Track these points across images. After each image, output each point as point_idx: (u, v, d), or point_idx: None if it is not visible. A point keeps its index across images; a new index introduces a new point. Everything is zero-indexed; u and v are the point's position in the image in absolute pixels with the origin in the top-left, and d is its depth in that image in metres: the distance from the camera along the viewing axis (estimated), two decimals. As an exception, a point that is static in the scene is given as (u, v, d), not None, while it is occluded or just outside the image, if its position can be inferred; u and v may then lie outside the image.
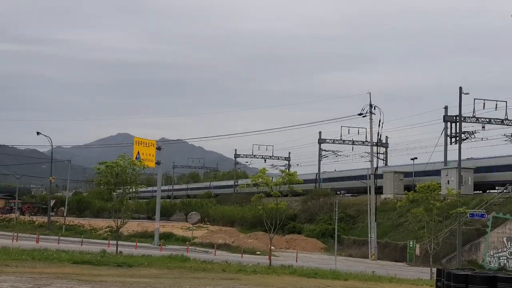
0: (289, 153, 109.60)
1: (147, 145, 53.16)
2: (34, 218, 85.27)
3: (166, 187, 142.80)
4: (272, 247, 43.35)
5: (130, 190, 37.10)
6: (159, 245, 50.65)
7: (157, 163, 55.68)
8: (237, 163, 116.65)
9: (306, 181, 70.51)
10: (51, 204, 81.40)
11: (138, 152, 51.19)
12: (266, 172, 40.58)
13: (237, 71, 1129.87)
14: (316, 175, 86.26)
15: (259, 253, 50.41)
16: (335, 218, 45.98)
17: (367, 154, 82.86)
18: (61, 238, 53.32)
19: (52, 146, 75.42)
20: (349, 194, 78.14)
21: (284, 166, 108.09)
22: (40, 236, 52.38)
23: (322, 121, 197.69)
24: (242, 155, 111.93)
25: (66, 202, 77.74)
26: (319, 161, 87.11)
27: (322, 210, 70.76)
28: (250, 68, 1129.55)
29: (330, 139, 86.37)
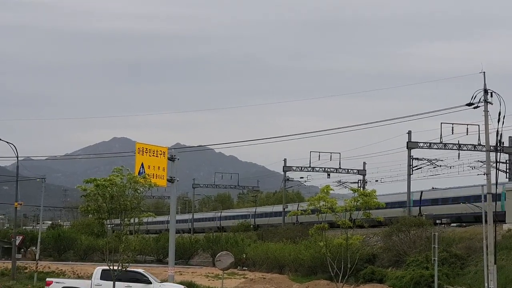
0: (364, 163, 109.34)
1: (155, 154, 53.47)
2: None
3: (183, 216, 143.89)
4: (341, 303, 43.11)
5: (131, 220, 37.39)
6: (175, 301, 50.84)
7: (170, 180, 55.88)
8: (288, 179, 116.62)
9: (389, 205, 69.97)
10: (18, 243, 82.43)
11: (142, 164, 51.49)
12: (331, 191, 40.45)
13: (286, 44, 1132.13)
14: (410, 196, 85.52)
15: (321, 311, 50.26)
16: (434, 260, 45.54)
17: (482, 163, 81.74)
18: (32, 291, 54.01)
19: (18, 157, 76.34)
20: (454, 224, 77.34)
21: (357, 182, 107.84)
22: (3, 289, 53.11)
23: (412, 116, 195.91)
24: (294, 168, 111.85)
25: (39, 240, 78.47)
26: (409, 174, 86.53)
27: (414, 247, 70.18)
28: (304, 39, 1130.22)
29: (425, 142, 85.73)
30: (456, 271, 64.06)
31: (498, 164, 63.65)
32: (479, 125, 75.44)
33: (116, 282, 39.38)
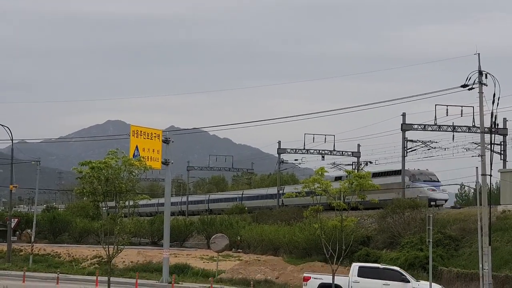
0: (358, 145, 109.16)
1: (149, 137, 53.48)
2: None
3: (178, 199, 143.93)
4: (336, 285, 43.11)
5: (126, 203, 37.34)
6: (170, 283, 50.99)
7: (165, 162, 55.93)
8: (282, 161, 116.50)
9: (384, 185, 69.96)
10: (12, 225, 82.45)
11: (137, 147, 51.54)
12: (326, 174, 40.39)
13: (281, 28, 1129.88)
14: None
15: (316, 293, 50.28)
16: (429, 241, 45.55)
17: (476, 145, 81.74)
18: (27, 274, 54.05)
19: (12, 140, 76.31)
20: (449, 206, 77.59)
21: (352, 165, 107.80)
22: (-2, 272, 53.15)
23: (407, 98, 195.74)
24: (288, 150, 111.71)
25: (35, 222, 78.43)
26: (403, 156, 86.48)
27: (408, 229, 70.29)
28: (300, 22, 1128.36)
29: (419, 124, 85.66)
30: (450, 253, 64.18)
31: (492, 146, 63.52)
32: (473, 107, 75.43)
33: (373, 280, 41.61)
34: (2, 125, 73.23)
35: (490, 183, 54.27)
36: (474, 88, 53.25)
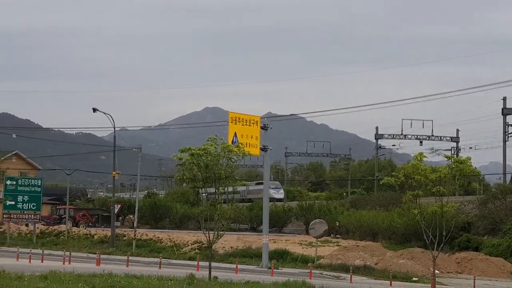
0: (457, 130, 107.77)
1: (247, 123, 53.66)
2: (92, 230, 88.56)
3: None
4: (437, 271, 42.73)
5: (226, 189, 37.62)
6: (269, 268, 51.16)
7: (263, 149, 56.07)
8: (380, 147, 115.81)
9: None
10: (116, 211, 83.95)
11: (235, 133, 51.77)
12: (424, 159, 39.92)
13: (375, 12, 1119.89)
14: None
15: (416, 279, 49.87)
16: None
17: None
18: (130, 258, 55.03)
19: (114, 128, 77.54)
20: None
21: (451, 150, 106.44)
22: (102, 256, 54.26)
23: (507, 81, 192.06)
24: (386, 136, 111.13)
25: (137, 208, 79.69)
26: (504, 141, 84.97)
27: (510, 215, 69.04)
28: (393, 7, 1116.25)
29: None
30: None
31: None
32: None
33: None
34: (104, 113, 74.37)
35: None
36: None
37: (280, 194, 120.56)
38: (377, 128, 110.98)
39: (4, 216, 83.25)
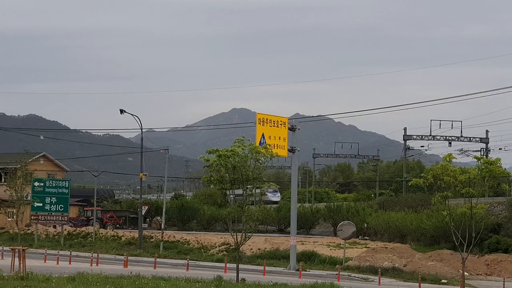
0: (487, 131, 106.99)
1: (275, 125, 53.61)
2: (120, 232, 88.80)
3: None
4: (466, 273, 42.46)
5: (253, 190, 37.56)
6: (297, 270, 51.11)
7: (291, 150, 55.98)
8: (408, 148, 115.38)
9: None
10: (143, 213, 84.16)
11: (263, 134, 51.75)
12: (453, 160, 39.73)
13: (405, 13, 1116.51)
14: None
15: (445, 281, 49.68)
16: None
17: None
18: (158, 260, 55.16)
19: (142, 129, 77.72)
20: None
21: (480, 151, 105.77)
22: (129, 258, 54.49)
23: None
24: (414, 137, 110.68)
25: (164, 209, 79.73)
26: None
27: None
28: (424, 8, 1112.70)
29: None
30: None
31: None
32: None
33: None
34: (131, 114, 74.52)
35: None
36: None
37: (276, 197, 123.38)
38: (405, 129, 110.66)
39: (32, 217, 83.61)
